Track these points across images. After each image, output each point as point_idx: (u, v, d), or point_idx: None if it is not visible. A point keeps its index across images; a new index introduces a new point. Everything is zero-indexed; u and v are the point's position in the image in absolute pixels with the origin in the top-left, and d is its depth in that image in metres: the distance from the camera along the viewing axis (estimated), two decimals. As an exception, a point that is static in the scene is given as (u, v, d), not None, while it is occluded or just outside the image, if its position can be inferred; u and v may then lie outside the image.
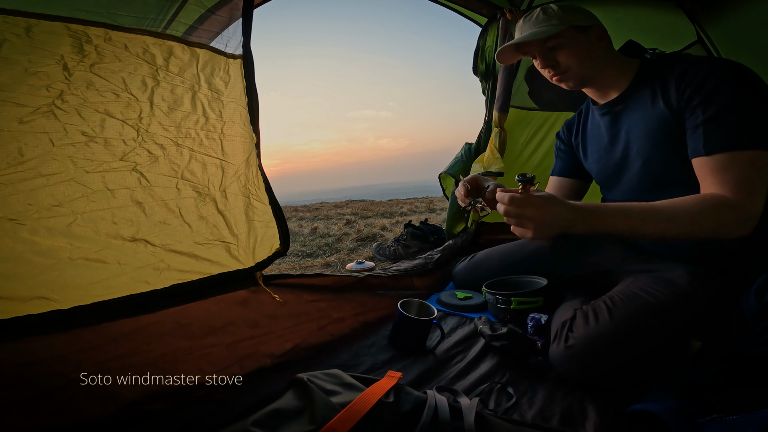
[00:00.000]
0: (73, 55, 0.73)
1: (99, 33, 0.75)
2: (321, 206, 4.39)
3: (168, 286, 0.88)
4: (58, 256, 0.74)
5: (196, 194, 0.94)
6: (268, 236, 1.09)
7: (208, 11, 0.92)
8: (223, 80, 0.96)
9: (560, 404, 0.74)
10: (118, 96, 0.79)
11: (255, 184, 1.05)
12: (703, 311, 0.77)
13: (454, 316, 1.16)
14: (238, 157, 1.00)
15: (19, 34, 0.68)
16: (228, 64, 0.96)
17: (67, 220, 0.75)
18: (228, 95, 0.97)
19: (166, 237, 0.88)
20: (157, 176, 0.86)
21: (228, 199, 0.99)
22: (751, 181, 0.74)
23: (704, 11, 1.53)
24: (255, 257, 1.05)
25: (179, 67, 0.86)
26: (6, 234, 0.69)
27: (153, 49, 0.82)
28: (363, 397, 0.63)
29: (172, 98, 0.86)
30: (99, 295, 0.79)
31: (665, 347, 0.75)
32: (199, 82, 0.91)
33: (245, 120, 1.01)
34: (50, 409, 0.68)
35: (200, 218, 0.94)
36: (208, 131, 0.94)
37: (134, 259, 0.83)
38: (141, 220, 0.84)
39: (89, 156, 0.77)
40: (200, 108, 0.91)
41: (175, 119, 0.87)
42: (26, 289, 0.72)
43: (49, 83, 0.72)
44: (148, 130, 0.84)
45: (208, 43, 0.94)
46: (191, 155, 0.91)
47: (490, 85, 1.96)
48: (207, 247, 0.96)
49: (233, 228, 1.00)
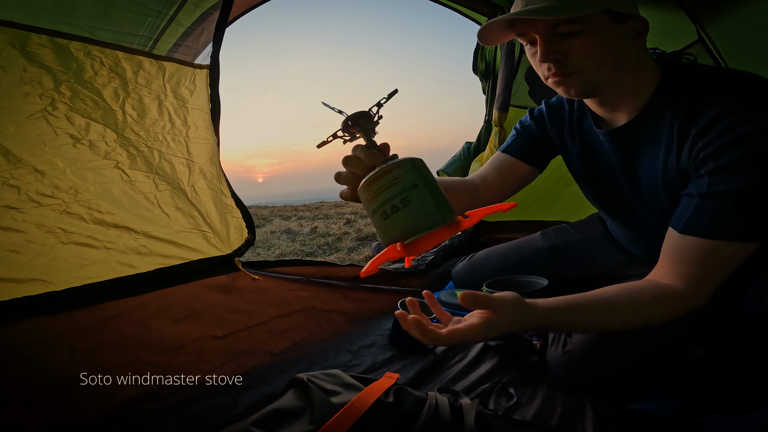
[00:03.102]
0: (59, 67, 0.82)
1: (79, 47, 0.84)
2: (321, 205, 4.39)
3: (152, 270, 0.96)
4: (51, 241, 0.83)
5: (170, 188, 1.03)
6: (238, 226, 1.20)
7: (189, 28, 1.02)
8: (189, 89, 1.06)
9: (560, 404, 0.74)
10: (97, 104, 0.89)
11: (219, 180, 1.16)
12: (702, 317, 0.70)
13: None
14: (203, 156, 1.11)
15: (14, 45, 0.76)
16: (195, 74, 1.06)
17: (59, 208, 0.84)
18: (192, 103, 1.06)
19: (146, 225, 0.97)
20: (136, 172, 0.97)
21: (198, 194, 1.09)
22: (724, 275, 0.64)
23: (705, 11, 1.53)
24: (231, 245, 1.15)
25: (146, 79, 0.96)
26: (6, 220, 0.77)
27: (123, 63, 0.91)
28: (361, 396, 0.63)
29: (140, 107, 0.96)
30: (89, 277, 0.87)
31: (664, 354, 0.73)
32: (165, 92, 1.00)
33: (208, 124, 1.12)
34: (49, 407, 0.68)
35: (177, 209, 1.05)
36: (174, 135, 1.04)
37: (119, 244, 0.93)
38: (124, 209, 0.94)
39: (76, 155, 0.87)
40: (166, 115, 1.02)
41: (144, 125, 0.97)
42: (23, 272, 0.79)
43: (42, 92, 0.80)
44: (124, 134, 0.94)
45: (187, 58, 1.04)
46: (160, 155, 1.01)
47: (490, 84, 1.96)
48: (185, 235, 1.05)
49: (206, 218, 1.11)
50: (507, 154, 0.97)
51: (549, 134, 0.94)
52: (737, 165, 0.60)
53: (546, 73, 0.70)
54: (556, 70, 0.68)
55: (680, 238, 0.65)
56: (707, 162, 0.62)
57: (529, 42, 0.71)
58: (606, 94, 0.73)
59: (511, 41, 1.74)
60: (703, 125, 0.63)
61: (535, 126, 0.96)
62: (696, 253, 0.63)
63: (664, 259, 0.68)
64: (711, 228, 0.62)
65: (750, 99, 0.61)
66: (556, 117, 0.92)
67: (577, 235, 1.16)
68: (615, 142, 0.79)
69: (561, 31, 0.65)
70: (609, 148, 0.81)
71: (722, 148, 0.61)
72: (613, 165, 0.83)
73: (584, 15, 0.62)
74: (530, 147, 0.96)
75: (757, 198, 0.60)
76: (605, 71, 0.67)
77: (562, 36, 0.65)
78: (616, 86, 0.70)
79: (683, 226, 0.65)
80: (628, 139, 0.76)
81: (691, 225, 0.64)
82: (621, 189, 0.84)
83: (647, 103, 0.71)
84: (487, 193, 0.95)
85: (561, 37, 0.65)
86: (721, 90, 0.64)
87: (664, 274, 0.67)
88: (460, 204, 0.88)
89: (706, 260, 0.63)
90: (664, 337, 0.70)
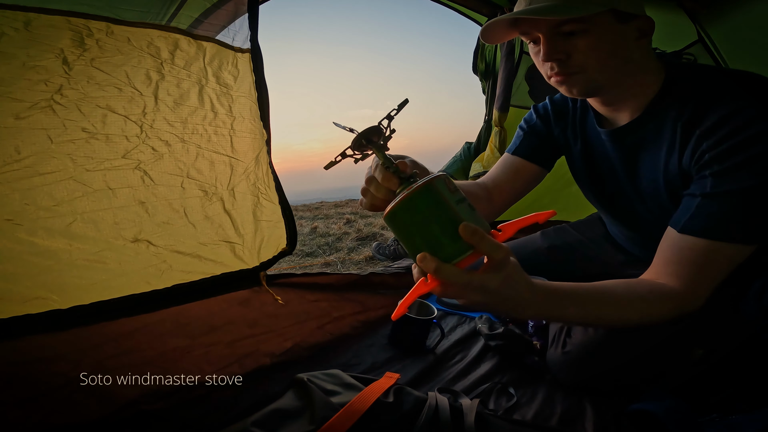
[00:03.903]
0: (73, 49, 0.71)
1: (101, 27, 0.74)
2: (321, 205, 4.39)
3: (170, 286, 0.87)
4: (57, 258, 0.73)
5: (202, 193, 0.92)
6: (275, 236, 1.08)
7: (214, 6, 0.90)
8: (232, 74, 0.93)
9: (560, 404, 0.75)
10: (120, 90, 0.77)
11: (265, 182, 1.03)
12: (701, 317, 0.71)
13: (454, 316, 1.16)
14: (248, 154, 0.98)
15: (18, 28, 0.66)
16: (236, 58, 0.94)
17: (67, 220, 0.74)
18: (237, 90, 0.94)
19: (169, 237, 0.87)
20: (161, 174, 0.84)
21: (236, 198, 0.97)
22: (721, 277, 0.64)
23: (705, 11, 1.53)
24: (260, 257, 1.04)
25: (185, 60, 0.83)
26: (3, 235, 0.68)
27: (158, 41, 0.80)
28: (361, 396, 0.64)
29: (178, 92, 0.83)
30: (99, 295, 0.79)
31: (664, 353, 0.73)
32: (207, 76, 0.87)
33: (255, 115, 0.98)
34: (49, 408, 0.68)
35: (205, 218, 0.93)
36: (216, 127, 0.91)
37: (136, 261, 0.82)
38: (144, 220, 0.83)
39: (90, 153, 0.75)
40: (208, 103, 0.89)
41: (181, 114, 0.85)
42: (25, 290, 0.71)
43: (48, 77, 0.70)
44: (153, 126, 0.81)
45: (214, 36, 0.91)
46: (198, 152, 0.88)
47: (490, 84, 1.96)
48: (211, 248, 0.94)
49: (239, 228, 0.99)
50: (516, 156, 0.96)
51: (554, 132, 0.93)
52: (742, 167, 0.60)
53: (549, 72, 0.70)
54: (559, 69, 0.67)
55: (679, 238, 0.65)
56: (712, 164, 0.62)
57: (532, 41, 0.70)
58: (609, 94, 0.72)
59: (512, 41, 1.74)
60: (707, 127, 0.63)
61: (541, 123, 0.94)
62: (694, 253, 0.63)
63: (660, 259, 0.67)
64: (712, 228, 0.62)
65: (756, 102, 0.61)
66: (561, 114, 0.92)
67: (576, 235, 1.16)
68: (617, 142, 0.79)
69: (564, 30, 0.64)
70: (610, 148, 0.81)
71: (728, 151, 0.60)
72: (614, 164, 0.83)
73: (588, 14, 0.61)
74: (537, 147, 0.94)
75: (760, 200, 0.60)
76: (608, 71, 0.67)
77: (566, 35, 0.65)
78: (619, 86, 0.70)
79: (683, 225, 0.64)
80: (630, 139, 0.76)
81: (692, 225, 0.63)
82: (622, 188, 0.84)
83: (650, 103, 0.71)
84: (499, 197, 0.94)
85: (564, 36, 0.65)
86: (726, 92, 0.64)
87: (659, 274, 0.67)
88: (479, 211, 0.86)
89: (705, 261, 0.63)
90: (663, 337, 0.70)
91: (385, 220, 0.47)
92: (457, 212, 0.45)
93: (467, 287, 0.48)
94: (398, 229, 0.47)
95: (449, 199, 0.45)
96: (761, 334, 0.76)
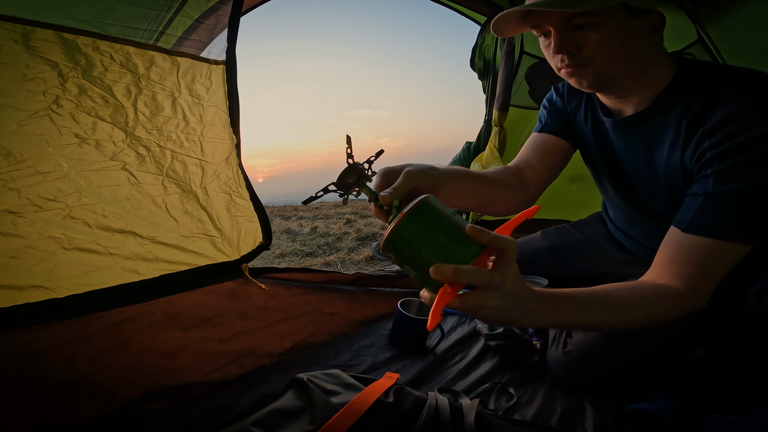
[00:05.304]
0: (66, 63, 0.78)
1: (88, 42, 0.81)
2: (321, 205, 4.39)
3: (157, 276, 0.94)
4: (53, 247, 0.80)
5: (180, 191, 1.00)
6: (252, 231, 1.16)
7: (196, 21, 0.98)
8: (204, 86, 1.02)
9: (560, 404, 0.75)
10: (107, 102, 0.85)
11: (236, 181, 1.12)
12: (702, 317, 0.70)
13: (454, 316, 1.16)
14: (218, 156, 1.07)
15: (17, 41, 0.73)
16: (210, 70, 1.02)
17: (62, 213, 0.81)
18: (209, 100, 1.03)
19: (153, 230, 0.95)
20: (144, 174, 0.93)
21: (209, 196, 1.05)
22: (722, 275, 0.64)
23: (705, 11, 1.53)
24: (240, 250, 1.11)
25: (159, 75, 0.93)
26: (6, 225, 0.74)
27: (135, 59, 0.88)
28: (361, 396, 0.63)
29: (153, 104, 0.93)
30: (92, 284, 0.84)
31: (664, 353, 0.73)
32: (180, 89, 0.97)
33: (225, 123, 1.08)
34: (48, 407, 0.68)
35: (185, 213, 1.01)
36: (188, 134, 1.00)
37: (124, 250, 0.90)
38: (130, 213, 0.91)
39: (82, 156, 0.83)
40: (180, 112, 0.98)
41: (156, 123, 0.94)
42: (24, 278, 0.77)
43: (46, 89, 0.77)
44: (134, 133, 0.90)
45: (196, 52, 1.00)
46: (173, 156, 0.98)
47: (490, 84, 1.96)
48: (193, 240, 1.02)
49: (216, 222, 1.07)
50: (544, 133, 0.94)
51: (567, 109, 0.93)
52: (744, 166, 0.60)
53: (559, 65, 0.70)
54: (570, 61, 0.68)
55: (683, 237, 0.65)
56: (713, 163, 0.63)
57: (542, 34, 0.70)
58: (620, 87, 0.72)
59: (512, 41, 1.74)
60: (711, 126, 0.63)
61: (560, 101, 0.95)
62: (698, 252, 0.63)
63: (663, 258, 0.67)
64: (716, 227, 0.62)
65: (762, 103, 0.61)
66: (575, 93, 0.92)
67: (577, 235, 1.16)
68: (620, 132, 0.80)
69: (576, 22, 0.64)
70: (614, 137, 0.82)
71: (730, 150, 0.61)
72: (617, 151, 0.84)
73: (599, 8, 0.62)
74: (561, 123, 0.94)
75: (761, 200, 0.60)
76: (619, 64, 0.67)
77: (577, 27, 0.65)
78: (628, 79, 0.70)
79: (687, 224, 0.64)
80: (632, 130, 0.77)
81: (696, 224, 0.64)
82: (625, 173, 0.84)
83: (657, 97, 0.71)
84: (534, 179, 0.90)
85: (575, 29, 0.65)
86: (733, 92, 0.64)
87: (661, 274, 0.67)
88: (510, 202, 0.84)
89: (708, 260, 0.63)
90: (664, 337, 0.70)
91: (384, 248, 0.48)
92: (457, 220, 0.47)
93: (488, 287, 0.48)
94: (403, 250, 0.47)
95: (446, 211, 0.47)
96: (761, 334, 0.76)
